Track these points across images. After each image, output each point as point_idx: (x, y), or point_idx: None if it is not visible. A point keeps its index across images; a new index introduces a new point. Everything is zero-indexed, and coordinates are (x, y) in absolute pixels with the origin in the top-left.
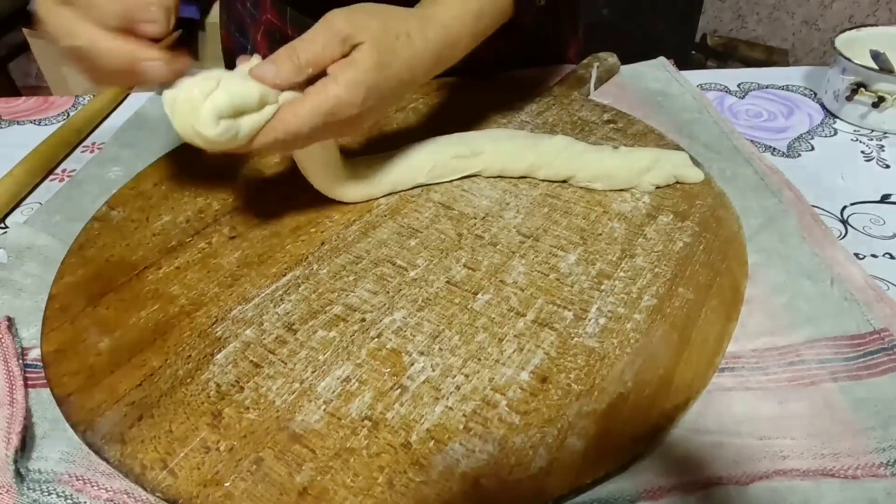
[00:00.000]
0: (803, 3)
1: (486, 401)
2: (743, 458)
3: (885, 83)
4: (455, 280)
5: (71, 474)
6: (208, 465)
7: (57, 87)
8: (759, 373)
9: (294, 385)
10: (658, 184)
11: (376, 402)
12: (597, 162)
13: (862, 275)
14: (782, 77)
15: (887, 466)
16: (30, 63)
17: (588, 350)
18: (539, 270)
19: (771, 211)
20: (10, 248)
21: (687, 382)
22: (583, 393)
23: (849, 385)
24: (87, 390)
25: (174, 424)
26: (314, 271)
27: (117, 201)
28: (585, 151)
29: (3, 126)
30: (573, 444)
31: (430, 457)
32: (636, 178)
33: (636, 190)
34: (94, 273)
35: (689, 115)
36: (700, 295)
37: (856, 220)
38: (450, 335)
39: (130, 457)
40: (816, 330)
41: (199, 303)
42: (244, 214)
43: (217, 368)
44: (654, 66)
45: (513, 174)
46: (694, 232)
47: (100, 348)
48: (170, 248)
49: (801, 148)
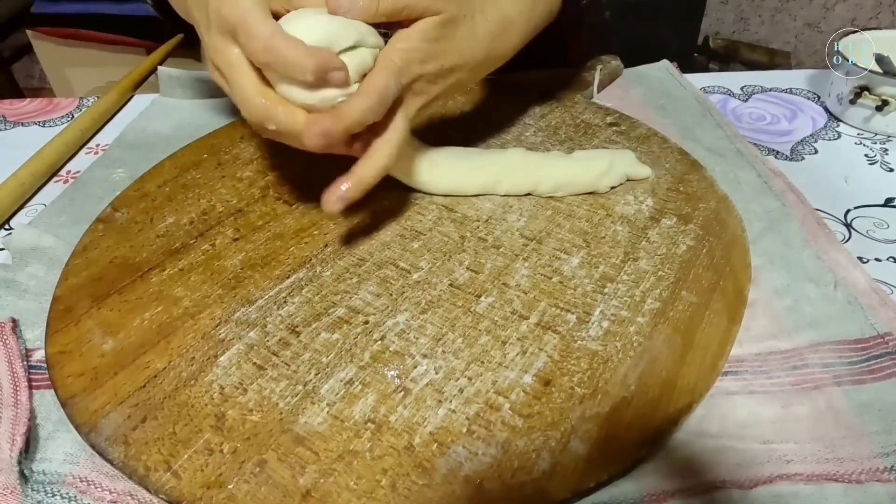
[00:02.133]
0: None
1: (489, 404)
2: (746, 461)
3: (888, 86)
4: (458, 283)
5: (75, 476)
6: (212, 467)
7: (60, 88)
8: (763, 376)
9: (297, 387)
10: (613, 185)
11: (379, 404)
12: (556, 170)
13: (865, 278)
14: (785, 80)
15: (891, 471)
16: (33, 64)
17: (591, 353)
18: (542, 273)
19: (774, 214)
20: (15, 249)
21: (690, 386)
22: (586, 396)
23: (852, 389)
24: (91, 392)
25: (178, 426)
26: (317, 273)
27: (121, 203)
28: (542, 161)
29: (8, 128)
30: (576, 447)
31: (433, 460)
32: (596, 181)
33: (638, 192)
34: (98, 275)
35: (692, 118)
36: (703, 298)
37: (859, 224)
38: (453, 338)
39: (134, 458)
40: (820, 333)
41: (202, 305)
42: (247, 216)
43: (220, 370)
44: (658, 69)
45: (469, 192)
46: (697, 235)
47: (104, 350)
48: (174, 249)
49: (804, 151)
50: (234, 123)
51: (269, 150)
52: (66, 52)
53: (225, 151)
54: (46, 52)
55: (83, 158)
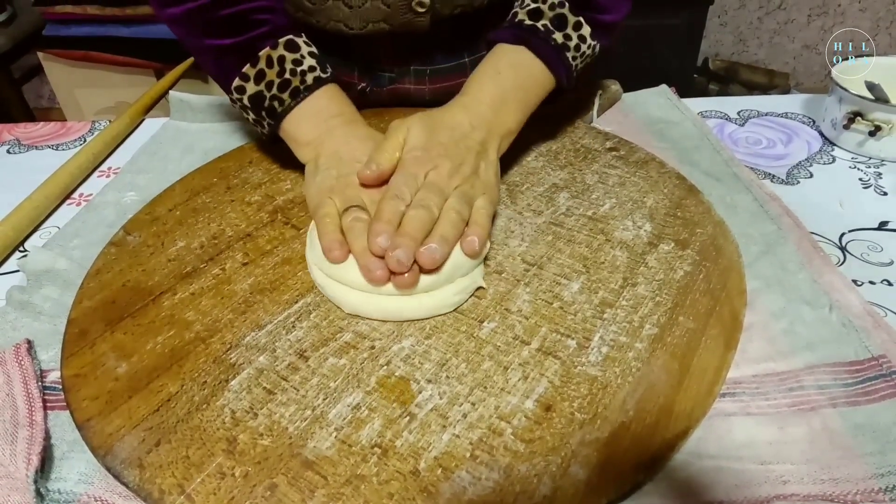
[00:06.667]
0: (803, 27)
1: (491, 429)
2: (744, 482)
3: (880, 112)
4: (461, 308)
5: (89, 495)
6: (224, 490)
7: (69, 108)
8: (760, 398)
9: (306, 412)
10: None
11: (386, 429)
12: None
13: (860, 301)
14: (782, 105)
15: (886, 492)
16: (42, 85)
17: (591, 379)
18: (543, 299)
19: (770, 238)
20: (30, 271)
21: (687, 411)
22: (586, 422)
23: (848, 411)
24: (107, 415)
25: (191, 450)
26: (325, 298)
27: (133, 227)
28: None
29: (23, 151)
30: (576, 472)
31: (437, 484)
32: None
33: (636, 217)
34: (111, 298)
35: (690, 143)
36: (700, 324)
37: (854, 247)
38: (456, 363)
39: (149, 482)
40: (815, 356)
41: (213, 329)
42: (256, 241)
43: (232, 395)
44: (657, 94)
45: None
46: (694, 260)
47: (118, 373)
48: (185, 273)
49: (799, 175)
50: (243, 147)
51: (277, 174)
52: (76, 74)
53: (234, 175)
54: (57, 73)
55: (95, 181)
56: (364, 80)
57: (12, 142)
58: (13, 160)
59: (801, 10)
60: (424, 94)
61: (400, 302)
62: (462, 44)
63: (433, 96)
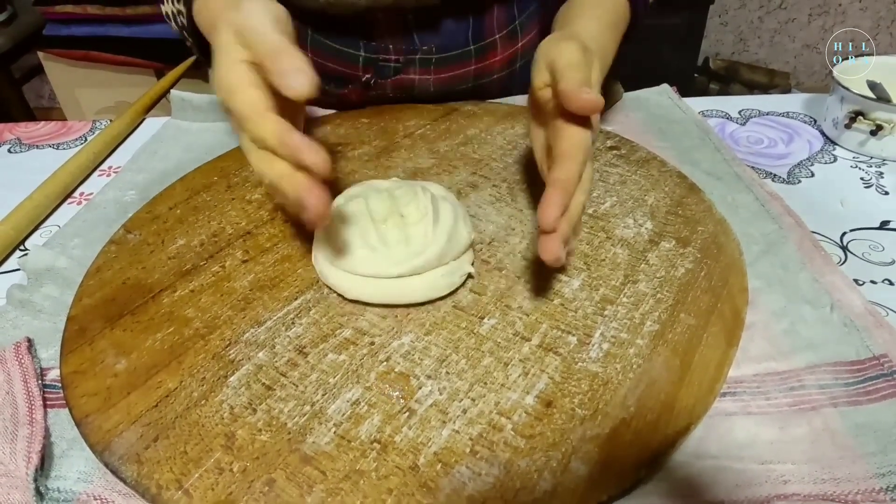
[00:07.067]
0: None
1: (492, 424)
2: (744, 482)
3: (882, 112)
4: (461, 304)
5: (89, 493)
6: (222, 485)
7: (69, 107)
8: (761, 397)
9: (305, 408)
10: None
11: (385, 424)
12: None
13: (861, 301)
14: (783, 104)
15: (887, 491)
16: (43, 84)
17: (592, 375)
18: (544, 295)
19: (771, 237)
20: (31, 270)
21: (688, 408)
22: (586, 418)
23: (849, 410)
24: (105, 411)
25: (189, 445)
26: (324, 295)
27: (133, 225)
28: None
29: (24, 150)
30: (577, 468)
31: (437, 479)
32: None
33: (637, 215)
34: (111, 295)
35: (690, 142)
36: (701, 321)
37: (855, 247)
38: (456, 359)
39: (147, 477)
40: (817, 355)
41: (213, 326)
42: (256, 238)
43: (230, 391)
44: (657, 93)
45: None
46: (695, 258)
47: (117, 370)
48: (185, 271)
49: (801, 174)
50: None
51: None
52: (76, 73)
53: (234, 174)
54: (57, 72)
55: (96, 180)
56: (368, 72)
57: (13, 141)
58: (14, 159)
59: (802, 10)
60: (429, 84)
61: (399, 284)
62: (470, 16)
63: (438, 86)
